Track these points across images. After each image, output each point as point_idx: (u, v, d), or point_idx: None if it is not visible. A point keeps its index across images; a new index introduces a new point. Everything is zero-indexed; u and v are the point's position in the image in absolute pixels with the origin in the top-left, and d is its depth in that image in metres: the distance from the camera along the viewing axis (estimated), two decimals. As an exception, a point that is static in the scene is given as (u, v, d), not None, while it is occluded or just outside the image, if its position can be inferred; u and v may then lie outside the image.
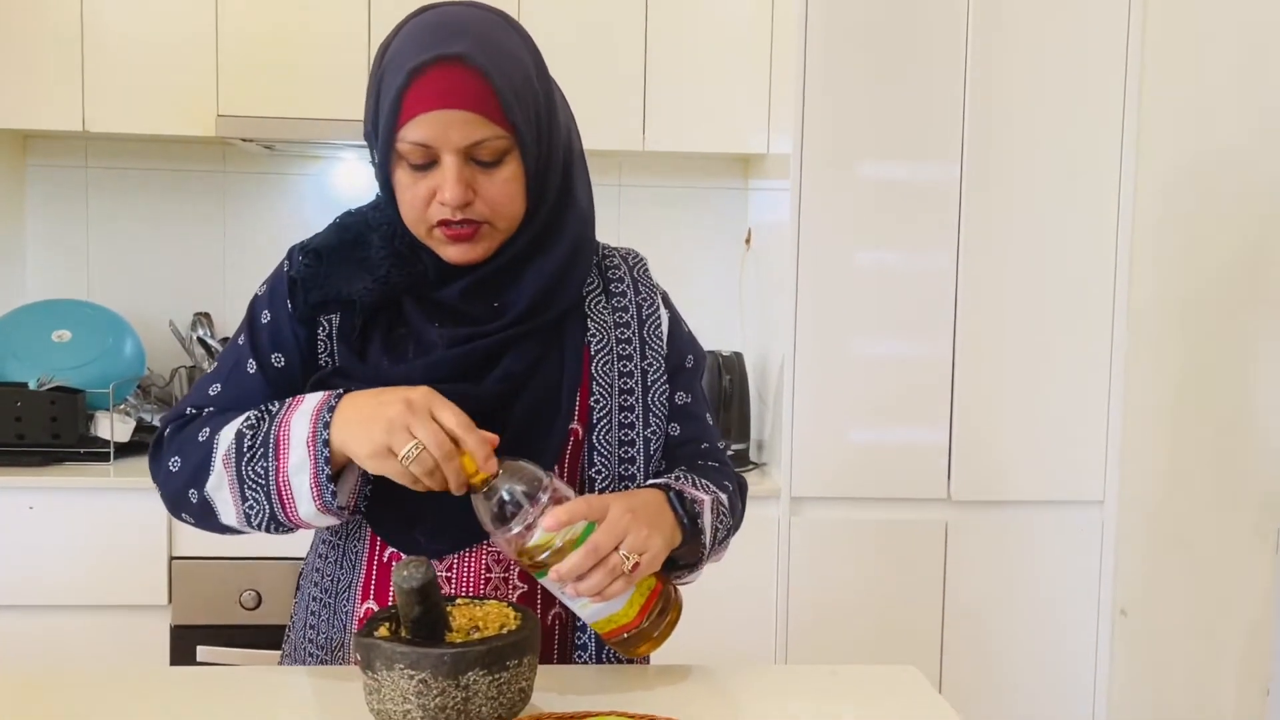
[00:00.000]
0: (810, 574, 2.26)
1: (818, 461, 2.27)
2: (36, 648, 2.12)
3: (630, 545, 0.95)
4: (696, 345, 1.22)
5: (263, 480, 1.00)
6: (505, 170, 1.02)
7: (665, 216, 2.75)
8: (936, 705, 1.04)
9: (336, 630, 1.11)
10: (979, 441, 2.28)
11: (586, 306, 1.13)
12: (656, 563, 0.98)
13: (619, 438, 1.11)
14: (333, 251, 1.08)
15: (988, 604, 2.30)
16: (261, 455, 1.00)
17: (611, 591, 0.95)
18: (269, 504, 1.00)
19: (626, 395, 1.12)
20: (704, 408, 1.20)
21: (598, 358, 1.11)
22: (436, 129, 0.98)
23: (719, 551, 1.14)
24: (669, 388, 1.15)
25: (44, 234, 2.66)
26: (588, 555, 0.93)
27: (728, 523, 1.12)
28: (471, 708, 0.86)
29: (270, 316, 1.10)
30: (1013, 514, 2.30)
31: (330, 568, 1.12)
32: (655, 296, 1.17)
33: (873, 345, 2.28)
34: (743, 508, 1.19)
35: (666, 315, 1.18)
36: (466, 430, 0.95)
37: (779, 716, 0.99)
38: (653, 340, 1.15)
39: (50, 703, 0.99)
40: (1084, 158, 2.27)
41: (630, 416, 1.12)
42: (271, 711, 0.98)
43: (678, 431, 1.16)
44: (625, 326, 1.13)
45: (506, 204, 1.03)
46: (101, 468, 2.19)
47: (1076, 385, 2.29)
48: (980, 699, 2.28)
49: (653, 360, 1.14)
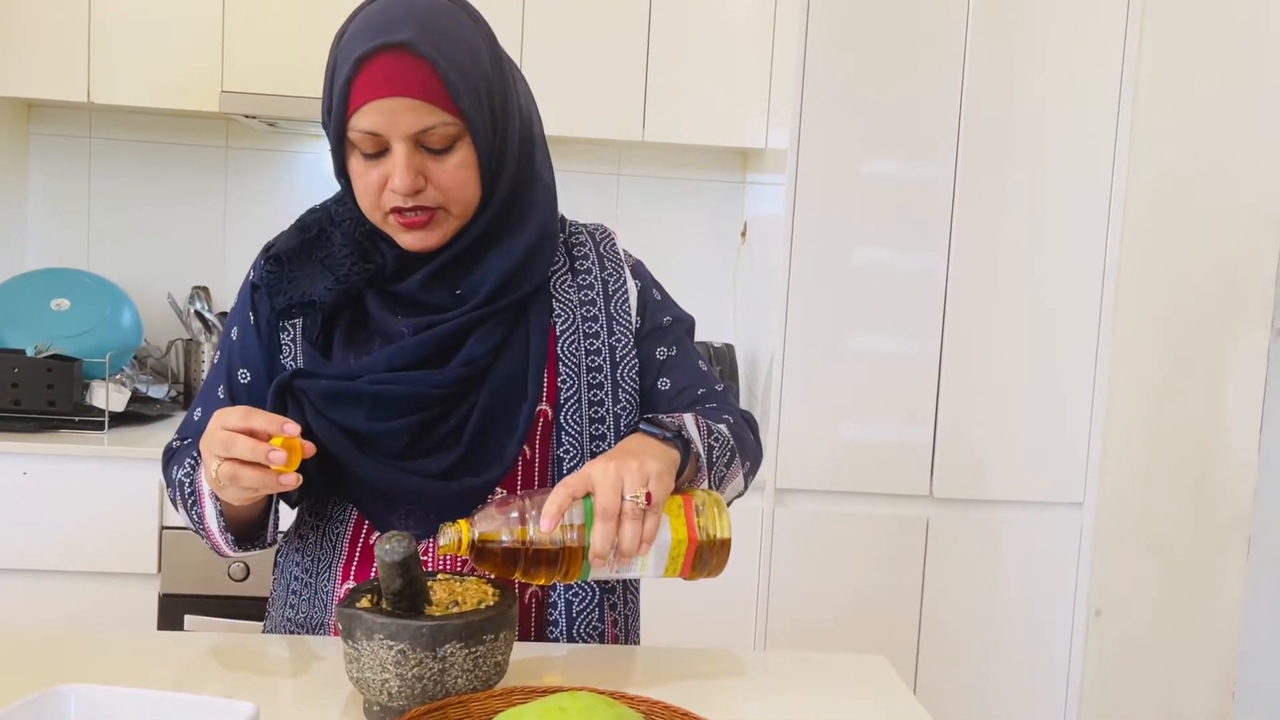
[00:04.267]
0: (792, 565, 2.29)
1: (804, 454, 2.29)
2: (27, 611, 2.14)
3: (631, 486, 0.92)
4: (676, 308, 1.21)
5: (200, 524, 1.08)
6: (456, 156, 1.02)
7: (662, 207, 2.78)
8: (902, 696, 1.06)
9: (317, 610, 1.12)
10: (962, 440, 2.31)
11: (552, 286, 1.13)
12: (665, 481, 0.95)
13: (589, 415, 1.11)
14: (294, 254, 1.10)
15: (965, 600, 2.33)
16: (194, 503, 1.08)
17: (649, 533, 0.92)
18: (210, 544, 1.10)
19: (595, 373, 1.12)
20: (694, 358, 1.19)
21: (563, 337, 1.12)
22: (384, 117, 0.99)
23: (731, 477, 1.10)
24: (649, 347, 1.15)
25: (45, 203, 2.67)
26: (603, 524, 0.91)
27: (725, 442, 1.08)
28: (448, 679, 0.88)
29: (238, 332, 1.13)
30: (993, 513, 2.33)
31: (311, 548, 1.14)
32: (622, 271, 1.17)
33: (862, 341, 2.30)
34: (755, 440, 1.16)
35: (636, 286, 1.17)
36: (247, 417, 0.95)
37: (747, 698, 1.02)
38: (620, 315, 1.14)
39: (34, 661, 1.01)
40: (1077, 162, 2.29)
41: (600, 394, 1.12)
42: (253, 676, 1.01)
43: (668, 385, 1.15)
44: (591, 304, 1.14)
45: (459, 190, 1.03)
46: (96, 436, 2.21)
47: (1060, 388, 2.32)
48: (954, 694, 2.32)
49: (621, 336, 1.14)
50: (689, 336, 1.21)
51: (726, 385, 1.20)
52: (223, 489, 0.97)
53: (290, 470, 0.95)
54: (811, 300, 2.28)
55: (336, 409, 1.05)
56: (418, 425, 1.06)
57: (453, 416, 1.06)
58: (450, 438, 1.07)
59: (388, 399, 1.05)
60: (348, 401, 1.04)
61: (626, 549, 0.92)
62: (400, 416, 1.05)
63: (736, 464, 1.11)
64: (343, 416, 1.05)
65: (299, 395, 1.06)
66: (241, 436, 0.94)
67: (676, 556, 0.97)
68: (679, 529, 0.97)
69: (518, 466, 1.10)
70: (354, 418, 1.05)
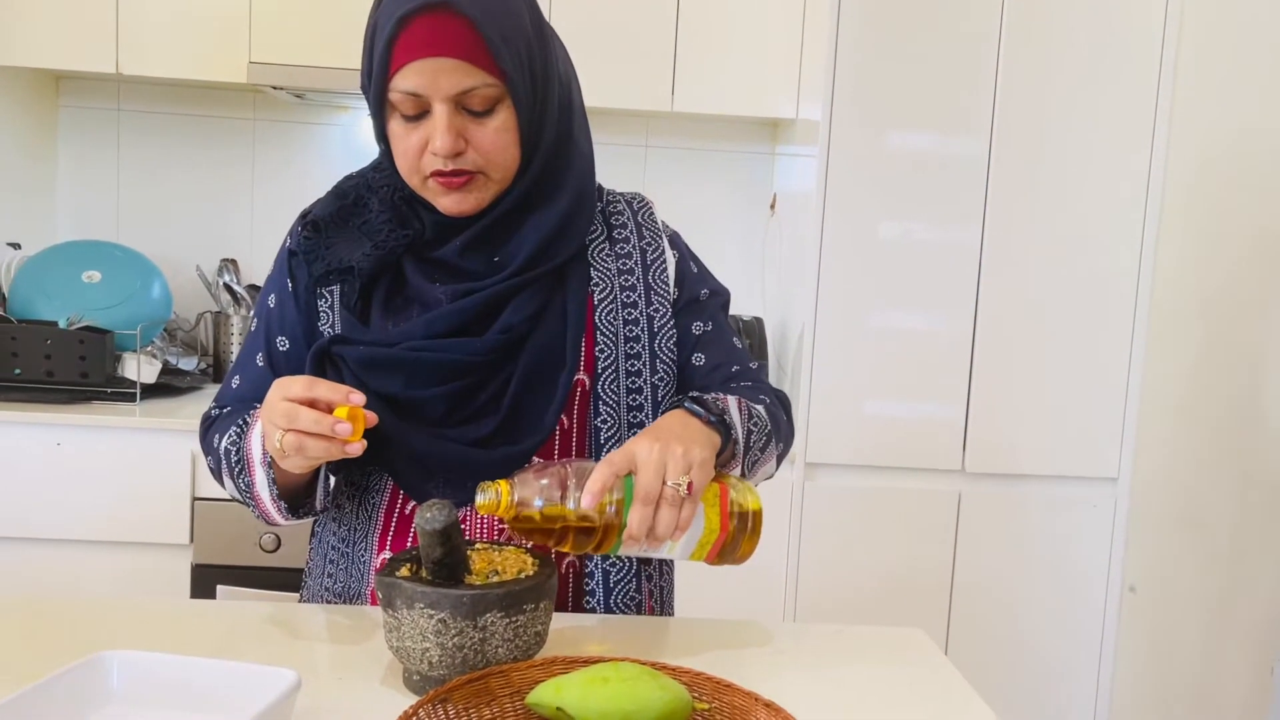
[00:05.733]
0: (823, 540, 2.28)
1: (835, 429, 2.28)
2: (61, 581, 2.17)
3: (674, 471, 0.91)
4: (713, 280, 1.20)
5: (249, 493, 1.07)
6: (497, 119, 1.01)
7: (691, 179, 2.75)
8: (941, 667, 1.05)
9: (354, 579, 1.12)
10: (995, 415, 2.29)
11: (590, 255, 1.12)
12: (708, 469, 0.95)
13: (625, 386, 1.10)
14: (332, 220, 1.10)
15: (997, 576, 2.32)
16: (242, 471, 1.06)
17: (685, 521, 0.92)
18: (259, 512, 1.08)
19: (633, 343, 1.11)
20: (729, 334, 1.17)
21: (601, 306, 1.11)
22: (425, 78, 0.98)
23: (764, 460, 1.10)
24: (685, 320, 1.14)
25: (75, 175, 2.68)
26: (643, 506, 0.91)
27: (763, 426, 1.08)
28: (488, 648, 0.88)
29: (275, 300, 1.12)
30: (1026, 488, 2.31)
31: (349, 518, 1.13)
32: (660, 240, 1.16)
33: (894, 315, 2.28)
34: (788, 420, 1.16)
35: (674, 256, 1.16)
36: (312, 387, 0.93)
37: (786, 669, 1.01)
38: (658, 285, 1.13)
39: (74, 629, 1.02)
40: (1115, 137, 2.25)
41: (637, 364, 1.11)
42: (292, 645, 1.01)
43: (702, 360, 1.14)
44: (629, 273, 1.13)
45: (499, 153, 1.02)
46: (128, 408, 2.22)
47: (1095, 362, 2.29)
48: (985, 671, 2.30)
49: (659, 306, 1.13)
50: (724, 311, 1.20)
51: (759, 364, 1.19)
52: (285, 459, 0.96)
53: (356, 440, 0.94)
54: (843, 274, 2.26)
55: (374, 376, 1.04)
56: (456, 393, 1.05)
57: (491, 384, 1.05)
58: (489, 405, 1.06)
59: (425, 366, 1.04)
60: (385, 368, 1.04)
61: (661, 534, 0.92)
62: (438, 384, 1.04)
63: (771, 448, 1.10)
64: (380, 383, 1.04)
65: (337, 361, 1.06)
66: (304, 409, 0.93)
67: (706, 543, 0.97)
68: (712, 518, 0.96)
69: (555, 435, 1.09)
70: (392, 385, 1.04)
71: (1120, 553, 2.31)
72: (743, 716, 0.84)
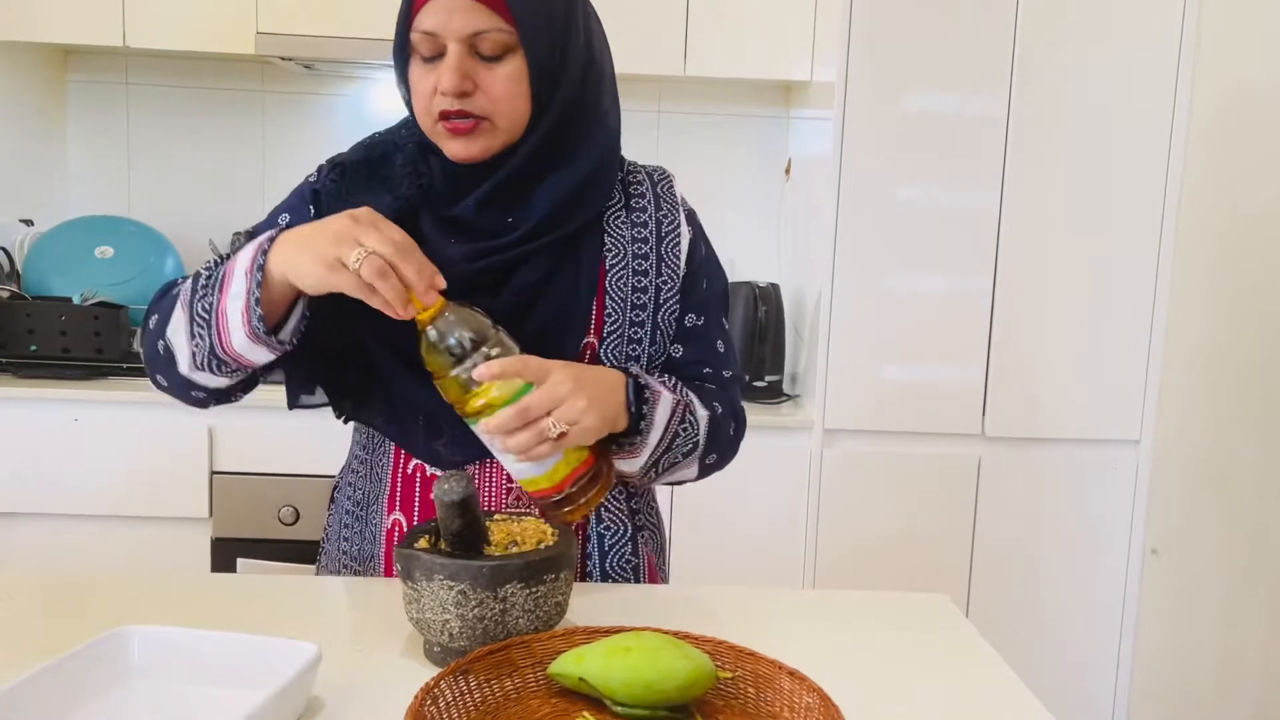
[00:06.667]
0: (841, 506, 2.27)
1: (852, 394, 2.26)
2: (82, 556, 2.18)
3: (562, 414, 0.94)
4: (719, 271, 1.20)
5: (208, 315, 0.99)
6: (508, 66, 1.02)
7: (704, 144, 2.72)
8: (966, 633, 1.04)
9: (367, 542, 1.13)
10: (1016, 378, 2.27)
11: (605, 222, 1.12)
12: (587, 437, 0.97)
13: (626, 352, 1.10)
14: (358, 168, 1.10)
15: (1018, 540, 2.30)
16: (210, 291, 1.00)
17: (536, 454, 0.95)
18: (209, 338, 1.00)
19: (639, 311, 1.11)
20: (718, 334, 1.17)
21: (613, 271, 1.11)
22: (440, 17, 0.99)
23: (683, 465, 1.10)
24: (681, 308, 1.14)
25: (85, 150, 2.67)
26: (517, 414, 0.93)
27: (693, 436, 1.08)
28: (509, 619, 0.87)
29: (290, 220, 1.10)
30: (1047, 451, 2.29)
31: (361, 481, 1.14)
32: (678, 214, 1.15)
33: (912, 279, 2.25)
34: (734, 436, 1.15)
35: (689, 233, 1.15)
36: (408, 252, 0.93)
37: (809, 636, 1.01)
38: (670, 257, 1.13)
39: (94, 603, 1.02)
40: (1136, 94, 2.21)
41: (640, 332, 1.11)
42: (312, 618, 1.01)
43: (680, 353, 1.15)
44: (643, 242, 1.13)
45: (506, 101, 1.02)
46: (144, 382, 2.22)
47: (1118, 323, 2.27)
48: (1006, 636, 2.30)
49: (668, 278, 1.13)
50: (721, 303, 1.19)
51: (737, 375, 1.19)
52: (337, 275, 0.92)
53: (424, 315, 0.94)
54: (859, 238, 2.23)
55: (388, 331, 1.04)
56: None
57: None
58: None
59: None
60: (399, 324, 1.03)
61: (510, 446, 0.95)
62: None
63: (694, 459, 1.11)
64: (394, 339, 1.04)
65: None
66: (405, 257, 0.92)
67: (536, 484, 0.98)
68: (558, 471, 0.97)
69: None
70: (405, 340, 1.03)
71: (1142, 515, 2.30)
72: (766, 685, 0.83)
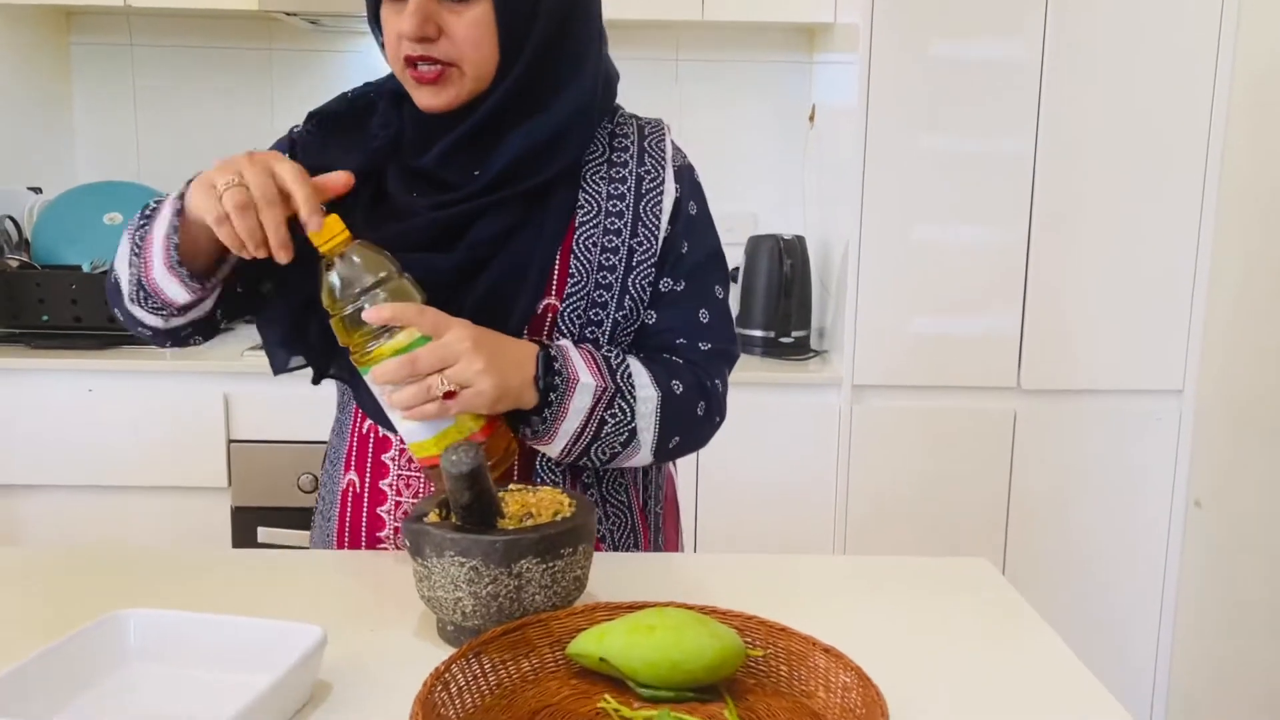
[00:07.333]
0: (871, 464, 2.21)
1: (881, 349, 2.19)
2: (102, 529, 2.15)
3: (455, 373, 0.88)
4: (708, 234, 1.09)
5: (141, 245, 0.98)
6: (474, 10, 0.97)
7: (724, 92, 2.63)
8: (1009, 599, 0.99)
9: (327, 505, 1.13)
10: (1053, 328, 2.19)
11: (583, 176, 1.05)
12: (479, 402, 0.90)
13: (588, 317, 1.02)
14: (337, 120, 1.07)
15: (1055, 495, 2.24)
16: (150, 220, 0.99)
17: (422, 413, 0.89)
18: (139, 268, 0.97)
19: (606, 273, 1.03)
20: (702, 303, 1.06)
21: (582, 229, 1.03)
22: None
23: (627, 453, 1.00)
24: (654, 272, 1.05)
25: (91, 115, 2.62)
26: (402, 365, 0.88)
27: (626, 423, 0.99)
28: (525, 596, 0.82)
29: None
30: (1085, 403, 2.22)
31: (335, 439, 1.14)
32: (663, 169, 1.07)
33: (942, 229, 2.17)
34: (702, 416, 1.04)
35: (674, 190, 1.06)
36: (299, 182, 0.88)
37: (845, 608, 0.95)
38: (648, 216, 1.05)
39: (94, 580, 0.98)
40: (1178, 34, 2.11)
41: (605, 296, 1.03)
42: (323, 597, 0.96)
43: (653, 319, 1.06)
44: (620, 199, 1.05)
45: (471, 48, 0.97)
46: (158, 351, 2.18)
47: (1159, 269, 2.18)
48: (1045, 595, 2.24)
49: (645, 239, 1.04)
50: (709, 273, 1.08)
51: (719, 350, 1.08)
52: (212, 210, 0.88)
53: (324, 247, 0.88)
54: (887, 187, 2.15)
55: None
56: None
57: (454, 303, 0.98)
58: None
59: None
60: None
61: (393, 400, 0.90)
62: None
63: (640, 445, 1.01)
64: None
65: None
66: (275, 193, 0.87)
67: (422, 449, 0.93)
68: (445, 439, 0.91)
69: None
70: None
71: (1185, 467, 2.22)
72: (800, 662, 0.78)
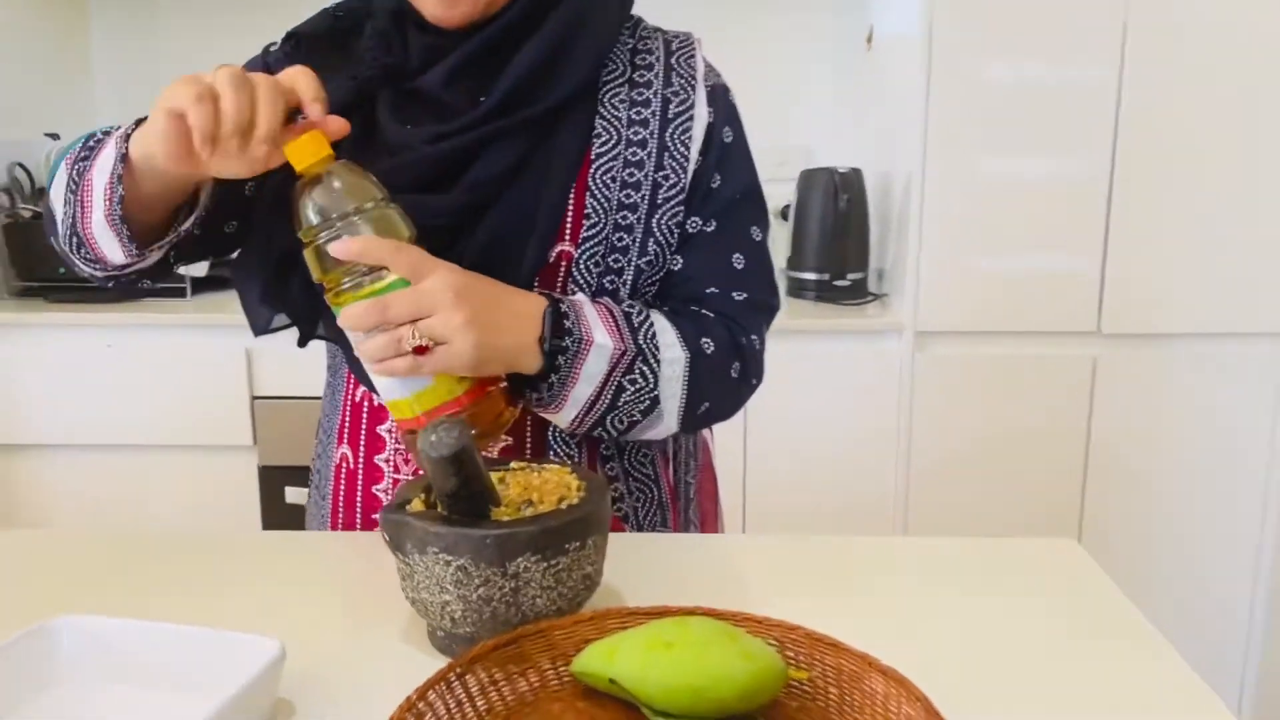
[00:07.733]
0: (936, 417, 2.05)
1: (947, 292, 2.02)
2: (128, 489, 2.08)
3: (430, 325, 0.74)
4: (745, 166, 0.94)
5: (78, 181, 0.83)
6: None
7: (774, 13, 2.45)
8: (1102, 586, 0.85)
9: (322, 480, 1.03)
10: (1137, 269, 2.00)
11: (601, 100, 0.90)
12: (458, 365, 0.76)
13: (607, 265, 0.88)
14: (316, 41, 0.93)
15: (1139, 447, 2.07)
16: (89, 155, 0.83)
17: (392, 368, 0.75)
18: (75, 209, 0.83)
19: (627, 212, 0.88)
20: (738, 246, 0.93)
21: (599, 162, 0.89)
22: None
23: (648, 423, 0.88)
24: (683, 211, 0.90)
25: (111, 58, 2.54)
26: (370, 309, 0.74)
27: (649, 391, 0.86)
28: (523, 599, 0.69)
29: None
30: (1173, 348, 2.04)
31: (328, 407, 1.03)
32: (693, 90, 0.91)
33: (1015, 162, 1.99)
34: (737, 379, 0.91)
35: (707, 115, 0.91)
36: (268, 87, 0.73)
37: (910, 607, 0.81)
38: (676, 146, 0.90)
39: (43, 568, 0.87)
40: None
41: (626, 239, 0.88)
42: (302, 587, 0.85)
43: (679, 265, 0.91)
44: (642, 125, 0.90)
45: None
46: (178, 304, 2.10)
47: (1252, 202, 1.98)
48: (1126, 560, 2.07)
49: (672, 173, 0.89)
50: (746, 211, 0.94)
51: (756, 301, 0.93)
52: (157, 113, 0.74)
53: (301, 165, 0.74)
54: (953, 116, 1.97)
55: None
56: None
57: (455, 250, 0.84)
58: None
59: None
60: None
61: (362, 351, 0.76)
62: None
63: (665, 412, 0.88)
64: None
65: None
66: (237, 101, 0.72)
67: (397, 410, 0.79)
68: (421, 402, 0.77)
69: None
70: None
71: (1284, 417, 2.03)
72: (853, 685, 0.64)
